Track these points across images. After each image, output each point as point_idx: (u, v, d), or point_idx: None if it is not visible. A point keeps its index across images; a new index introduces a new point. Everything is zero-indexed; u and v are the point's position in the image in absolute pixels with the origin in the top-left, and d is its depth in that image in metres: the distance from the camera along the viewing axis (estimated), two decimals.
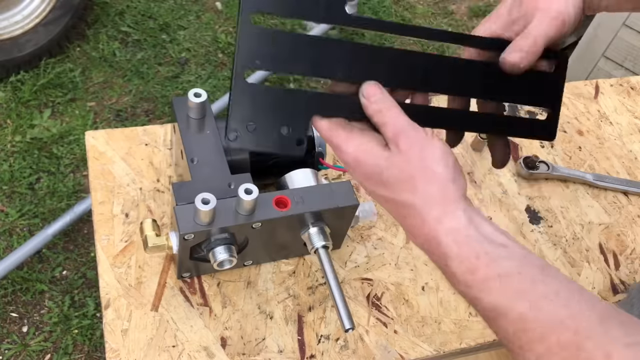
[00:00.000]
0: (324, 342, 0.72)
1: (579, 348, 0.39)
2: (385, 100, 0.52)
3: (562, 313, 0.41)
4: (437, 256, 0.48)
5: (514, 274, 0.44)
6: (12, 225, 1.71)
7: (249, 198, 0.64)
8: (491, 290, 0.44)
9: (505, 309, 0.43)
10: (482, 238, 0.46)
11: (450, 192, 0.48)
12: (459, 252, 0.46)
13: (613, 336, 0.39)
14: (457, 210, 0.48)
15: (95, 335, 1.55)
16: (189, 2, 2.50)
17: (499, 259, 0.45)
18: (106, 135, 0.86)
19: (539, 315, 0.42)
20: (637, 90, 1.13)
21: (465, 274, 0.46)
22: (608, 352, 0.38)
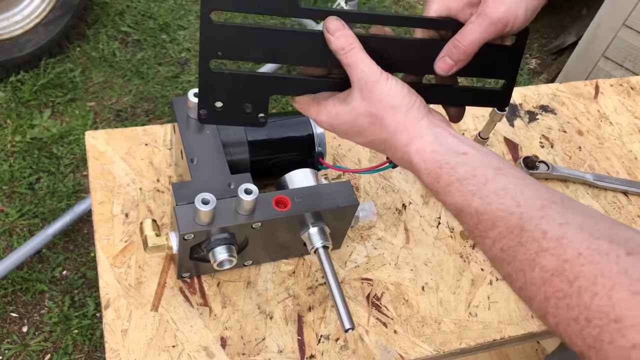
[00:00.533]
0: (323, 342, 0.72)
1: (522, 229, 0.46)
2: (347, 35, 0.57)
3: (509, 203, 0.48)
4: (415, 173, 0.56)
5: (470, 177, 0.51)
6: (12, 225, 1.71)
7: (249, 198, 0.64)
8: (452, 193, 0.52)
9: (463, 206, 0.51)
10: (445, 150, 0.54)
11: (411, 118, 0.56)
12: (426, 166, 0.54)
13: (550, 218, 0.45)
14: (421, 130, 0.55)
15: (95, 335, 1.55)
16: (189, 2, 2.50)
17: (457, 166, 0.53)
18: (106, 135, 0.86)
19: (489, 207, 0.49)
20: (637, 90, 1.13)
21: (433, 183, 0.54)
22: (544, 230, 0.44)
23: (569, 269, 0.41)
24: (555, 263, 0.42)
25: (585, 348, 0.40)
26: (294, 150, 0.78)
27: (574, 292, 0.40)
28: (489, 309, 0.79)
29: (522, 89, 1.08)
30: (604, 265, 0.40)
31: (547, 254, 0.43)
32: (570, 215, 0.45)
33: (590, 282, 0.39)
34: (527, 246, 0.45)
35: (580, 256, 0.41)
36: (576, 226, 0.44)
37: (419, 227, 0.85)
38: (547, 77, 2.50)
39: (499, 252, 0.48)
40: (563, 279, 0.41)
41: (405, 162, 0.56)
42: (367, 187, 0.88)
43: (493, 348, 0.80)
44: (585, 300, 0.39)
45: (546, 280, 0.42)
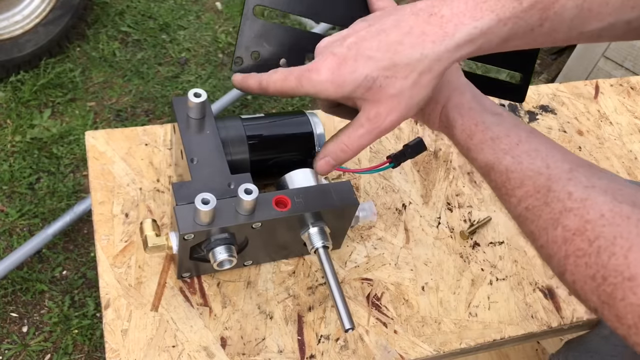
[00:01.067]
0: (324, 342, 0.72)
1: (549, 190, 0.47)
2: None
3: (539, 164, 0.50)
4: (448, 129, 0.58)
5: (503, 137, 0.53)
6: (12, 225, 1.71)
7: (249, 198, 0.64)
8: (484, 150, 0.54)
9: (494, 164, 0.52)
10: (482, 109, 0.56)
11: (453, 71, 0.58)
12: (462, 122, 0.56)
13: (577, 180, 0.47)
14: (461, 86, 0.57)
15: (95, 335, 1.55)
16: (189, 2, 2.50)
17: (492, 125, 0.54)
18: (106, 135, 0.86)
19: (519, 167, 0.50)
20: (637, 90, 1.13)
21: (466, 140, 0.55)
22: (570, 191, 0.46)
23: (590, 229, 0.43)
24: (577, 223, 0.44)
25: (599, 304, 0.41)
26: (294, 150, 0.78)
27: (593, 252, 0.42)
28: (489, 309, 0.79)
29: None
30: (624, 227, 0.41)
31: (570, 214, 0.44)
32: (596, 179, 0.46)
33: (610, 242, 0.41)
34: (552, 206, 0.46)
35: (602, 217, 0.42)
36: (601, 189, 0.45)
37: (419, 227, 0.85)
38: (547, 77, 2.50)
39: (524, 210, 0.49)
40: (584, 239, 0.43)
41: (442, 116, 0.58)
42: (367, 187, 0.88)
43: (493, 348, 0.80)
44: (603, 259, 0.41)
45: (567, 239, 0.44)
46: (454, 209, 0.88)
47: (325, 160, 0.59)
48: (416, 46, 0.50)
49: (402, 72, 0.51)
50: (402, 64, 0.51)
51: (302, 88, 0.54)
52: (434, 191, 0.90)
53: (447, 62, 0.51)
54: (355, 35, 0.53)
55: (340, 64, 0.52)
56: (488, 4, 0.50)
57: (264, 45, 0.59)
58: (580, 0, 0.52)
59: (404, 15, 0.52)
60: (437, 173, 0.92)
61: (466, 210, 0.89)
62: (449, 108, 0.57)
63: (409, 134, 0.96)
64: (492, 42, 0.51)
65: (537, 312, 0.79)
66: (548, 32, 0.53)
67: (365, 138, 0.55)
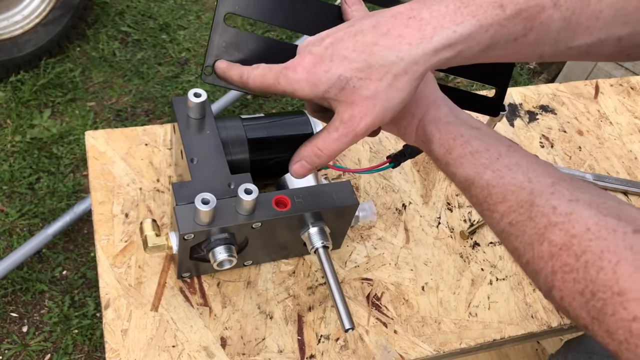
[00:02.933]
0: (324, 342, 0.72)
1: (532, 204, 0.46)
2: (362, 8, 0.59)
3: (521, 178, 0.49)
4: (425, 143, 0.57)
5: (483, 151, 0.52)
6: (12, 225, 1.71)
7: (249, 198, 0.64)
8: (464, 165, 0.52)
9: (474, 178, 0.51)
10: (460, 122, 0.55)
11: (429, 85, 0.57)
12: (440, 136, 0.55)
13: (560, 194, 0.46)
14: (437, 100, 0.57)
15: (95, 335, 1.55)
16: (189, 2, 2.50)
17: (471, 139, 0.53)
18: (106, 135, 0.86)
19: (501, 181, 0.49)
20: (637, 90, 1.13)
21: (444, 155, 0.54)
22: (554, 205, 0.45)
23: (577, 243, 0.42)
24: (563, 237, 0.43)
25: (589, 321, 0.41)
26: (294, 149, 0.78)
27: (580, 267, 0.41)
28: (489, 309, 0.79)
29: (522, 89, 1.08)
30: (610, 241, 0.41)
31: (555, 229, 0.44)
32: (579, 193, 0.46)
33: (597, 256, 0.40)
34: (537, 220, 0.45)
35: (588, 231, 0.42)
36: (585, 203, 0.44)
37: (419, 227, 0.85)
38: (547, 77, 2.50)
39: (508, 226, 0.48)
40: (571, 254, 0.42)
41: (419, 131, 0.57)
42: (367, 187, 0.88)
43: (493, 348, 0.80)
44: (591, 274, 0.40)
45: (554, 254, 0.43)
46: (454, 209, 0.88)
47: (300, 164, 0.57)
48: (392, 48, 0.48)
49: (377, 74, 0.49)
50: (377, 65, 0.49)
51: (279, 85, 0.53)
52: (434, 191, 0.90)
53: (425, 66, 0.49)
54: (334, 35, 0.52)
55: (316, 63, 0.51)
56: (470, 8, 0.48)
57: (236, 54, 0.57)
58: (568, 13, 0.49)
59: (383, 18, 0.51)
60: (437, 173, 0.92)
61: (466, 210, 0.89)
62: (426, 122, 0.56)
63: None
64: (473, 49, 0.49)
65: (537, 312, 0.79)
66: (533, 43, 0.51)
67: (340, 142, 0.53)
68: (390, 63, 0.49)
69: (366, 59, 0.49)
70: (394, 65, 0.49)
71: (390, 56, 0.49)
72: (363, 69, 0.50)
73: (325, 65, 0.51)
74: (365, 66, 0.49)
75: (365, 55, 0.49)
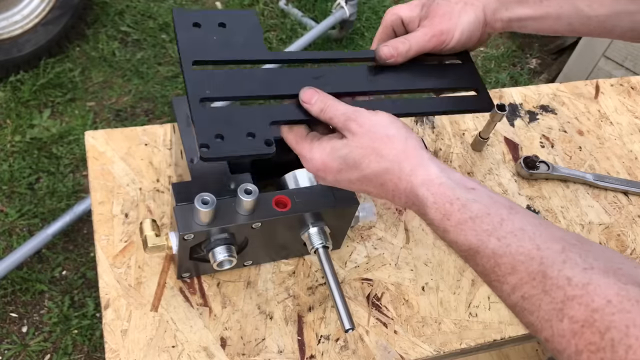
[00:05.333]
0: (324, 343, 0.72)
1: (544, 275, 0.44)
2: (323, 98, 0.59)
3: (528, 246, 0.46)
4: (417, 207, 0.53)
5: (484, 215, 0.49)
6: (12, 225, 1.71)
7: (249, 198, 0.64)
8: (465, 232, 0.49)
9: (479, 247, 0.48)
10: (454, 184, 0.52)
11: (411, 147, 0.55)
12: (435, 200, 0.51)
13: (573, 262, 0.43)
14: (424, 160, 0.54)
15: (95, 335, 1.55)
16: (189, 2, 2.50)
17: (468, 202, 0.50)
18: (106, 135, 0.86)
19: (508, 250, 0.47)
20: (637, 90, 1.13)
21: (442, 220, 0.51)
22: (569, 276, 0.42)
23: (599, 319, 0.39)
24: (584, 313, 0.40)
25: None
26: None
27: (607, 345, 0.38)
28: (489, 309, 0.78)
29: (522, 88, 1.08)
30: (635, 313, 0.38)
31: (574, 303, 0.41)
32: (592, 259, 0.43)
33: (623, 333, 0.38)
34: (552, 295, 0.43)
35: (609, 304, 0.39)
36: (601, 271, 0.42)
37: (419, 227, 0.85)
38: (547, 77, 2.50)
39: (520, 300, 0.45)
40: (594, 331, 0.39)
41: (409, 193, 0.53)
42: None
43: (493, 348, 0.80)
44: (620, 355, 0.38)
45: (576, 332, 0.40)
46: None
47: (386, 47, 0.65)
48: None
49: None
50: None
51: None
52: None
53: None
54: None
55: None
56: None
57: (223, 126, 0.57)
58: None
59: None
60: None
61: None
62: (416, 185, 0.52)
63: None
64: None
65: None
66: (557, 6, 0.62)
67: (420, 37, 0.66)
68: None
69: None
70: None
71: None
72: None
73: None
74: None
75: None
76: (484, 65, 2.51)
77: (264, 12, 2.49)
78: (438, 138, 0.96)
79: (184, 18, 0.63)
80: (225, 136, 0.56)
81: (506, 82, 2.45)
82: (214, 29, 0.64)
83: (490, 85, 2.43)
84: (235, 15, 0.66)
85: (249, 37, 0.65)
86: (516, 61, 2.58)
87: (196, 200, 0.62)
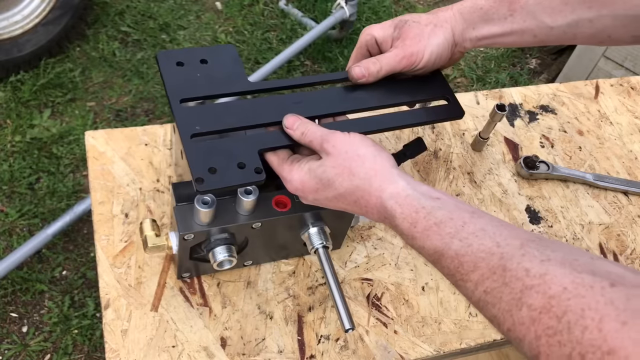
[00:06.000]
0: (324, 342, 0.72)
1: (504, 269, 0.46)
2: (304, 123, 0.63)
3: (489, 244, 0.48)
4: (389, 220, 0.57)
5: (447, 220, 0.52)
6: (12, 225, 1.71)
7: (249, 198, 0.64)
8: (431, 237, 0.52)
9: (443, 249, 0.51)
10: (419, 195, 0.55)
11: (380, 165, 0.58)
12: (402, 210, 0.55)
13: (531, 255, 0.45)
14: (393, 176, 0.57)
15: (95, 335, 1.55)
16: (189, 2, 2.50)
17: (433, 210, 0.53)
18: (106, 135, 0.86)
19: (470, 249, 0.49)
20: (637, 90, 1.13)
21: (409, 228, 0.54)
22: (527, 268, 0.44)
23: (556, 304, 0.41)
24: (541, 300, 0.42)
25: None
26: None
27: (564, 328, 0.40)
28: None
29: (522, 89, 1.08)
30: (590, 297, 0.40)
31: (532, 292, 0.43)
32: (549, 252, 0.45)
33: (579, 315, 0.39)
34: (512, 286, 0.45)
35: (565, 291, 0.41)
36: (557, 262, 0.44)
37: None
38: (547, 77, 2.50)
39: (483, 294, 0.47)
40: (551, 316, 0.41)
41: (379, 207, 0.57)
42: None
43: (493, 348, 0.80)
44: (576, 335, 0.39)
45: (535, 318, 0.42)
46: None
47: (358, 67, 0.69)
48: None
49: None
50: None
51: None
52: None
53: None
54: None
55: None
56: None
57: (214, 160, 0.61)
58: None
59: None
60: (437, 173, 0.92)
61: None
62: (384, 199, 0.56)
63: (409, 134, 0.96)
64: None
65: None
66: (521, 22, 0.67)
67: (392, 58, 0.70)
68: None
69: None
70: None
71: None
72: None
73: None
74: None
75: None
76: (484, 65, 2.51)
77: (264, 12, 2.49)
78: (438, 138, 0.96)
79: (167, 58, 0.68)
80: (217, 169, 0.60)
81: (506, 82, 2.45)
82: (197, 66, 0.69)
83: (490, 85, 2.43)
84: (215, 50, 0.70)
85: (230, 70, 0.69)
86: (516, 61, 2.58)
87: (196, 200, 0.62)
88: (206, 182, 0.59)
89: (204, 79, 0.67)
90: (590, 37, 0.68)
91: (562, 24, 0.67)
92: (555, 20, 0.67)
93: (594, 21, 0.66)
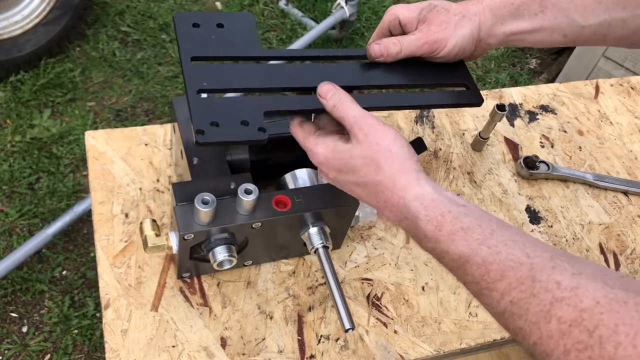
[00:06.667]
0: (324, 342, 0.72)
1: (534, 280, 0.45)
2: (338, 94, 0.60)
3: (518, 254, 0.47)
4: (409, 220, 0.55)
5: (475, 227, 0.51)
6: (12, 225, 1.71)
7: (249, 198, 0.64)
8: (456, 242, 0.51)
9: (469, 255, 0.50)
10: (446, 200, 0.54)
11: (408, 166, 0.57)
12: (427, 213, 0.53)
13: (562, 268, 0.44)
14: (420, 179, 0.56)
15: (95, 335, 1.55)
16: (189, 2, 2.50)
17: (460, 215, 0.52)
18: (106, 135, 0.86)
19: (498, 257, 0.48)
20: (637, 90, 1.13)
21: (434, 231, 0.53)
22: (557, 280, 0.43)
23: (588, 318, 0.40)
24: (572, 313, 0.41)
25: None
26: (294, 150, 0.78)
27: (595, 343, 0.38)
28: None
29: (522, 89, 1.08)
30: (624, 313, 0.38)
31: (562, 304, 0.42)
32: (581, 266, 0.44)
33: (612, 330, 0.38)
34: (541, 297, 0.43)
35: (598, 305, 0.40)
36: (589, 276, 0.42)
37: None
38: (547, 77, 2.50)
39: (509, 305, 0.46)
40: (582, 329, 0.39)
41: (401, 207, 0.56)
42: None
43: (493, 348, 0.80)
44: (608, 351, 0.38)
45: (564, 332, 0.40)
46: None
47: (377, 45, 0.67)
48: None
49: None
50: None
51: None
52: None
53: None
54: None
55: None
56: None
57: (218, 115, 0.60)
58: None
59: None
60: (437, 173, 0.92)
61: None
62: (408, 199, 0.55)
63: (409, 134, 0.96)
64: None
65: None
66: (551, 19, 0.66)
67: (413, 41, 0.69)
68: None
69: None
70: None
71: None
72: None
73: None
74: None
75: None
76: (484, 65, 2.51)
77: (264, 12, 2.49)
78: (438, 138, 0.96)
79: (184, 19, 0.67)
80: (220, 123, 0.59)
81: (506, 82, 2.45)
82: (213, 29, 0.67)
83: (490, 85, 2.43)
84: (233, 16, 0.69)
85: (246, 36, 0.68)
86: (516, 61, 2.58)
87: (196, 200, 0.62)
88: (207, 134, 0.57)
89: (218, 42, 0.66)
90: (620, 38, 0.67)
91: (593, 23, 0.66)
92: (586, 19, 0.66)
93: (627, 21, 0.65)
